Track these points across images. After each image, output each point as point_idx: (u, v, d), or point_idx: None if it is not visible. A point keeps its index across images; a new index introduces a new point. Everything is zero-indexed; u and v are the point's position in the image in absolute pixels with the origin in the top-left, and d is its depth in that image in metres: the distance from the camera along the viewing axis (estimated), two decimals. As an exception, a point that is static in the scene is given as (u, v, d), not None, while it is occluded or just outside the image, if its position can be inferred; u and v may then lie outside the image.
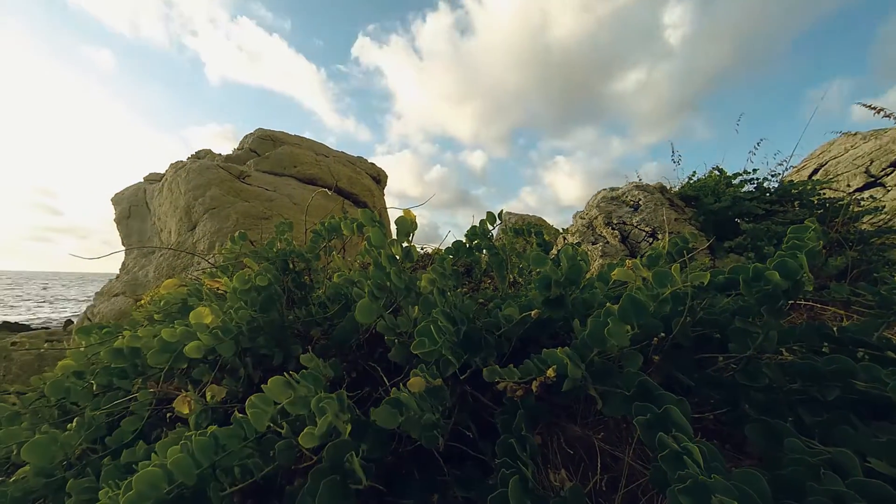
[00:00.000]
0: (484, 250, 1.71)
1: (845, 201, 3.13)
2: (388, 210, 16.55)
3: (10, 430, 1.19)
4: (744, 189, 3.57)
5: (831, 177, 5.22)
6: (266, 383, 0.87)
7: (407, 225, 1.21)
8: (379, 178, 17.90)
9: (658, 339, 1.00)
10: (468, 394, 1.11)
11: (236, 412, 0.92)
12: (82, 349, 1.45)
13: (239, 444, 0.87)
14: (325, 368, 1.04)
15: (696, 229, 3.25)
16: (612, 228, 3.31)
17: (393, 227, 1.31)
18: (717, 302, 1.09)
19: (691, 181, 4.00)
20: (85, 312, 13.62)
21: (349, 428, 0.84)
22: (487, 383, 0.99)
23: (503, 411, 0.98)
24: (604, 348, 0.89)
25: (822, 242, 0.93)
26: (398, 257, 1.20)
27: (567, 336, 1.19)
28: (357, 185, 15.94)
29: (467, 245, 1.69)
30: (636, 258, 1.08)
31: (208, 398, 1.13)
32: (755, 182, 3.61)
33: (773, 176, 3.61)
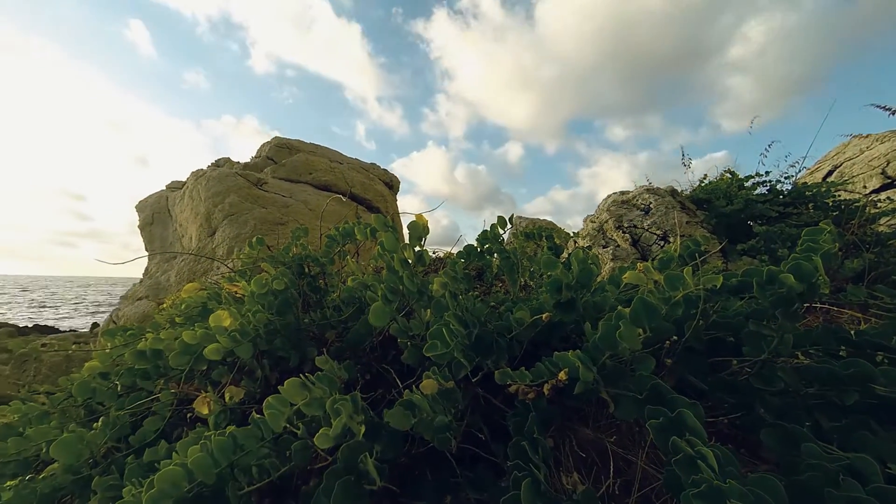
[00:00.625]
0: (495, 254, 1.71)
1: (861, 203, 3.05)
2: (400, 215, 16.63)
3: (40, 428, 1.22)
4: (756, 192, 3.50)
5: (846, 178, 5.09)
6: (283, 385, 0.88)
7: (419, 229, 1.21)
8: (391, 184, 18.01)
9: (670, 342, 0.99)
10: (480, 396, 1.10)
11: (254, 413, 0.93)
12: (108, 351, 1.49)
13: (256, 444, 0.88)
14: (339, 370, 1.04)
15: (708, 232, 3.19)
16: (623, 232, 3.27)
17: (405, 232, 1.31)
18: (731, 305, 1.07)
19: (702, 184, 3.94)
20: (110, 315, 13.94)
21: (363, 429, 0.84)
22: (499, 386, 0.98)
23: (515, 414, 0.98)
24: (615, 351, 0.88)
25: (837, 245, 0.90)
26: (410, 261, 1.20)
27: (578, 339, 1.18)
28: (370, 190, 16.07)
29: (478, 249, 1.69)
30: (647, 261, 1.07)
31: (227, 399, 1.15)
32: (768, 185, 3.54)
33: (785, 178, 3.53)
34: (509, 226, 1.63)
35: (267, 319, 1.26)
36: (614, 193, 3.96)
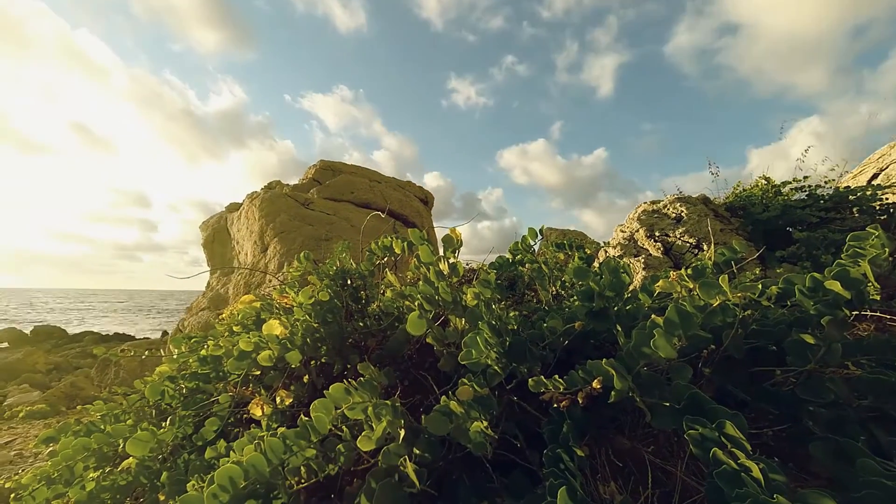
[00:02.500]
0: (526, 264, 1.68)
1: (912, 206, 2.78)
2: (435, 229, 16.76)
3: (118, 426, 1.30)
4: (794, 197, 3.27)
5: (894, 181, 4.66)
6: (328, 389, 0.90)
7: (453, 242, 1.22)
8: (426, 200, 18.24)
9: (707, 351, 0.93)
10: (515, 403, 1.08)
11: (302, 415, 0.95)
12: (175, 357, 1.57)
13: (305, 444, 0.90)
14: (379, 376, 1.05)
15: (745, 240, 3.00)
16: (655, 241, 3.14)
17: (441, 246, 1.32)
18: (771, 313, 0.99)
19: (736, 192, 3.73)
20: (177, 324, 14.79)
21: (403, 433, 0.84)
22: (533, 393, 0.96)
23: (549, 421, 0.95)
24: (650, 360, 0.84)
25: (887, 250, 0.83)
26: (445, 273, 1.21)
27: (612, 348, 1.13)
28: (407, 207, 16.35)
29: (510, 260, 1.67)
30: (681, 270, 1.02)
31: (278, 402, 1.18)
32: (806, 190, 3.30)
33: (826, 183, 3.28)
34: (539, 237, 1.61)
35: (313, 328, 1.30)
36: (644, 203, 3.82)
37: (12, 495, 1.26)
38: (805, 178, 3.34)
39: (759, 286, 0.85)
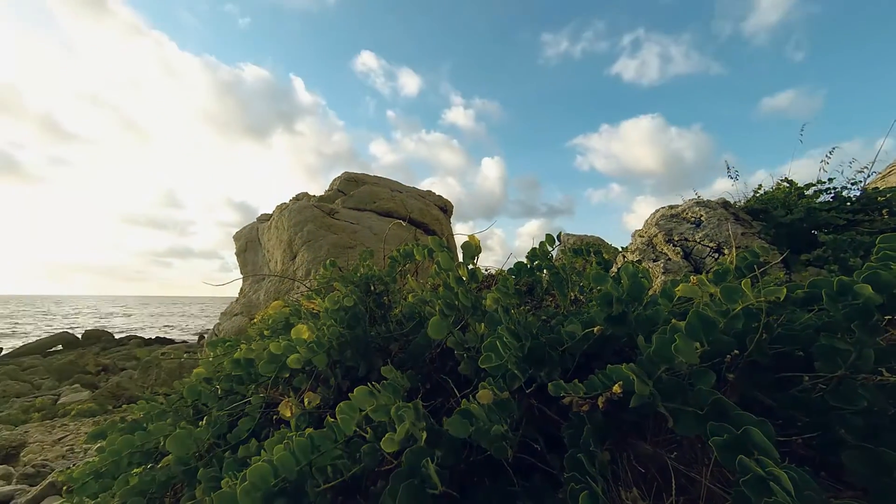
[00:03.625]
0: (544, 270, 1.66)
1: (946, 207, 2.61)
2: (454, 236, 16.79)
3: (159, 424, 1.35)
4: (819, 199, 3.12)
5: (926, 181, 4.39)
6: (353, 392, 0.91)
7: (472, 249, 1.21)
8: (446, 208, 18.32)
9: (731, 356, 0.89)
10: (535, 407, 1.06)
11: (328, 417, 0.96)
12: (210, 360, 1.62)
13: (331, 445, 0.91)
14: (402, 379, 1.06)
15: (767, 243, 2.88)
16: (674, 245, 3.05)
17: (460, 252, 1.32)
18: (797, 318, 0.94)
19: (757, 195, 3.59)
20: (213, 329, 15.25)
21: (425, 435, 0.84)
22: (553, 397, 0.94)
23: (569, 425, 0.92)
24: (671, 365, 0.81)
25: (921, 252, 0.78)
26: (465, 278, 1.20)
27: (632, 353, 1.10)
28: (427, 215, 16.46)
29: (528, 266, 1.65)
30: (701, 274, 0.98)
31: (306, 403, 1.20)
32: (832, 192, 3.15)
33: (852, 184, 3.12)
34: (557, 243, 1.59)
35: (339, 332, 1.31)
36: (662, 208, 3.72)
37: (65, 487, 1.32)
38: (830, 179, 3.19)
39: (784, 290, 0.81)
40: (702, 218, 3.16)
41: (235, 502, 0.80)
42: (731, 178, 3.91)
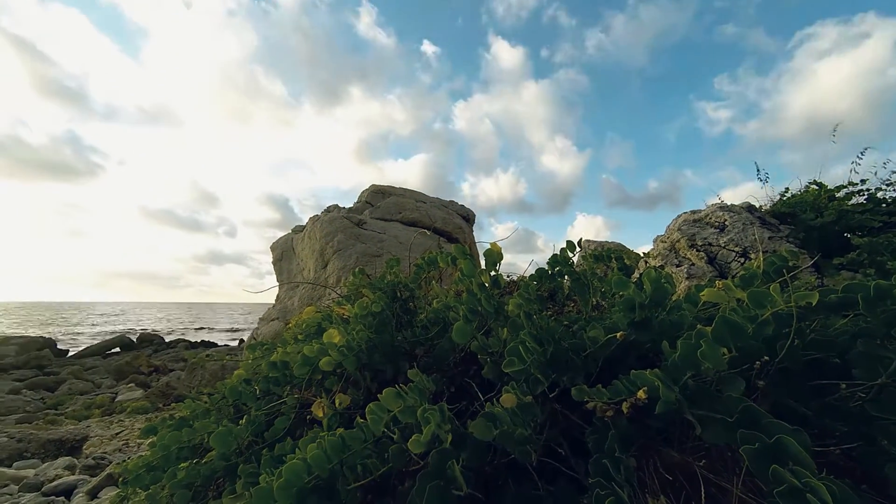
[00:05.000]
0: (566, 276, 1.63)
1: None
2: (476, 244, 16.76)
3: (203, 422, 1.40)
4: (851, 202, 2.93)
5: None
6: (381, 394, 0.91)
7: (494, 256, 1.21)
8: (468, 217, 18.34)
9: (760, 363, 0.84)
10: (558, 412, 1.03)
11: (358, 417, 0.97)
12: (249, 362, 1.67)
13: (361, 444, 0.91)
14: (428, 382, 1.05)
15: (796, 247, 2.72)
16: (697, 250, 2.92)
17: (482, 259, 1.31)
18: (832, 323, 0.88)
19: (784, 198, 3.41)
20: (252, 333, 15.75)
21: (450, 437, 0.83)
22: (577, 403, 0.91)
23: (594, 431, 0.89)
24: (698, 371, 0.77)
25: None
26: (487, 285, 1.20)
27: (656, 358, 1.06)
28: (450, 224, 16.52)
29: (549, 272, 1.63)
30: (727, 279, 0.94)
31: (337, 404, 1.21)
32: (864, 193, 2.95)
33: (888, 185, 2.91)
34: (578, 249, 1.56)
35: (367, 337, 1.33)
36: (684, 213, 3.58)
37: (120, 478, 1.38)
38: (863, 181, 2.99)
39: (817, 294, 0.76)
40: (726, 222, 3.03)
41: (272, 498, 0.82)
42: (760, 180, 3.73)
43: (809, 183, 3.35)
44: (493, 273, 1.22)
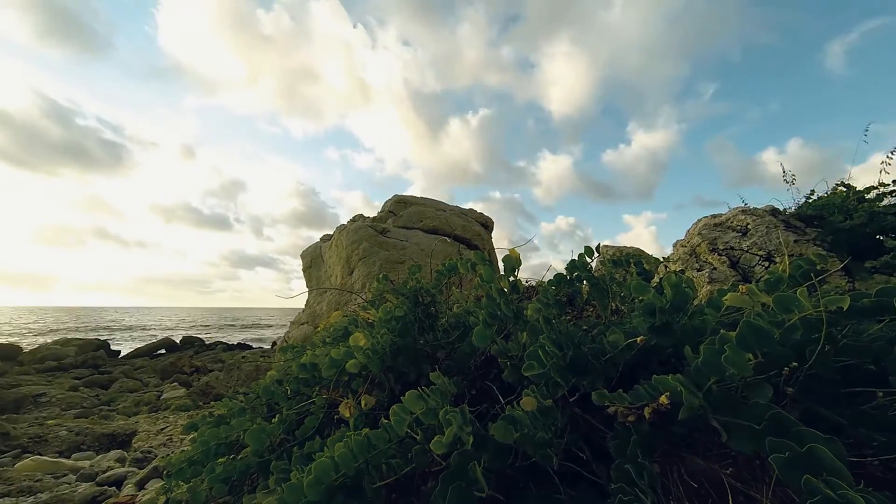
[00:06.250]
0: (584, 281, 1.59)
1: None
2: (496, 251, 16.67)
3: (240, 420, 1.44)
4: (882, 203, 2.74)
5: None
6: (404, 396, 0.91)
7: (513, 262, 1.20)
8: (487, 224, 18.29)
9: (789, 369, 0.79)
10: (579, 416, 1.00)
11: (383, 418, 0.98)
12: (281, 363, 1.71)
13: (385, 444, 0.91)
14: (449, 385, 1.05)
15: (824, 250, 2.56)
16: (719, 254, 2.80)
17: (501, 265, 1.30)
18: (865, 328, 0.83)
19: (809, 201, 3.23)
20: (283, 336, 16.14)
21: (472, 439, 0.82)
22: (597, 407, 0.88)
23: (615, 436, 0.86)
24: (722, 377, 0.73)
25: None
26: (506, 290, 1.18)
27: (678, 363, 1.02)
28: (469, 231, 16.53)
29: (568, 277, 1.59)
30: (751, 283, 0.89)
31: (362, 405, 1.22)
32: (897, 194, 2.75)
33: (922, 186, 2.71)
34: (596, 254, 1.52)
35: (391, 340, 1.34)
36: (705, 217, 3.44)
37: (165, 471, 1.43)
38: (894, 181, 2.80)
39: (848, 299, 0.71)
40: (748, 226, 2.89)
41: (303, 494, 0.83)
42: (787, 181, 3.54)
43: (837, 184, 3.16)
44: (511, 279, 1.21)
